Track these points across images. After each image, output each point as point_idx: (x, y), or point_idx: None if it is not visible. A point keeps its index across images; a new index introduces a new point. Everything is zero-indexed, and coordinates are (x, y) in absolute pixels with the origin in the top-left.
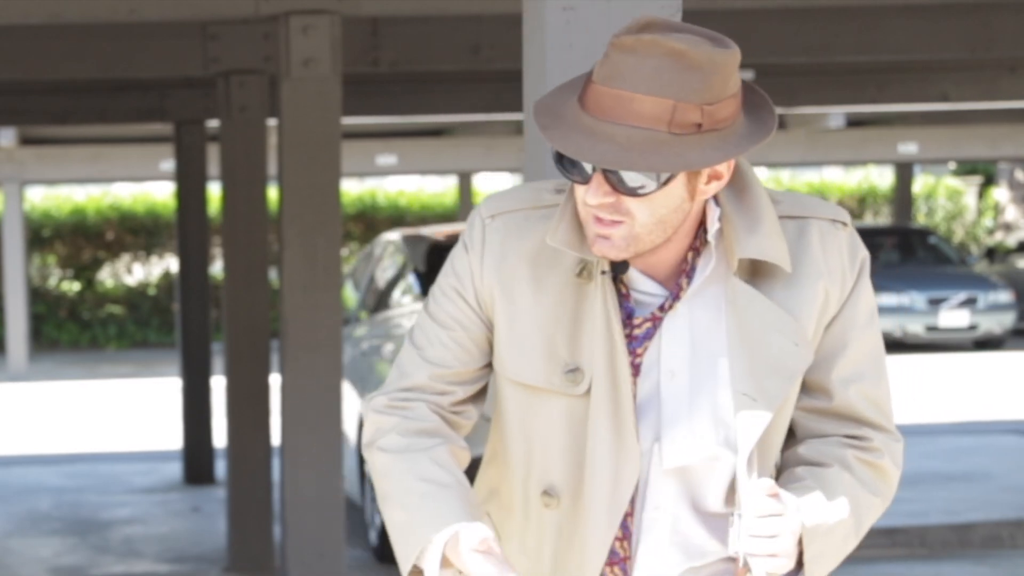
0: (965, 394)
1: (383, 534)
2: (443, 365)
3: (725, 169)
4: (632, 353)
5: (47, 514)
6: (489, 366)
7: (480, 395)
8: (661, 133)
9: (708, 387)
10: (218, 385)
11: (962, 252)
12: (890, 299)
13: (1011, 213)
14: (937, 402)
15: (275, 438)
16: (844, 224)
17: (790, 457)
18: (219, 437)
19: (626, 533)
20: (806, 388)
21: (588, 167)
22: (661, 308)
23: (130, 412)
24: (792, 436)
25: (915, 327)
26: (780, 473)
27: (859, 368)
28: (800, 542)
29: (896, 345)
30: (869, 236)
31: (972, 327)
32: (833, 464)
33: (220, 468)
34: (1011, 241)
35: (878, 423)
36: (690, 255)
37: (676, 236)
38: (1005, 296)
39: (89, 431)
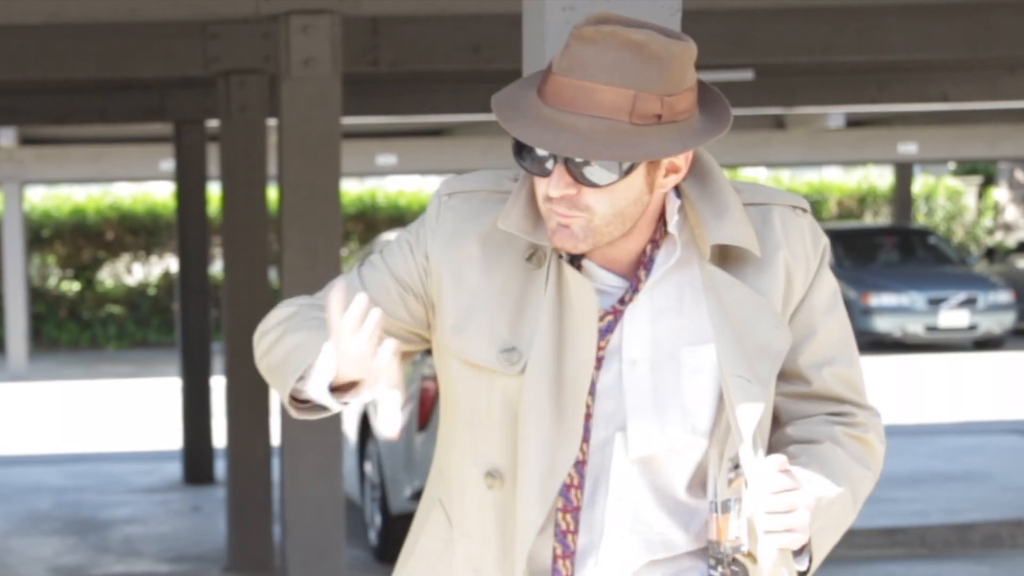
0: (965, 394)
1: (383, 534)
2: (377, 301)
3: (683, 162)
4: (595, 346)
5: (47, 514)
6: (413, 336)
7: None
8: (623, 123)
9: (671, 376)
10: (218, 385)
11: (962, 252)
12: (890, 299)
13: (1011, 213)
14: (937, 402)
15: (275, 438)
16: (804, 210)
17: (779, 439)
18: (219, 437)
19: (576, 526)
20: (783, 375)
21: (549, 160)
22: (621, 300)
23: (130, 412)
24: (776, 422)
25: (915, 327)
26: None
27: (829, 352)
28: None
29: (896, 345)
30: (869, 236)
31: (972, 327)
32: (824, 440)
33: (220, 468)
34: (1011, 241)
35: (856, 400)
36: (648, 247)
37: (636, 229)
38: (1005, 296)
39: (89, 431)
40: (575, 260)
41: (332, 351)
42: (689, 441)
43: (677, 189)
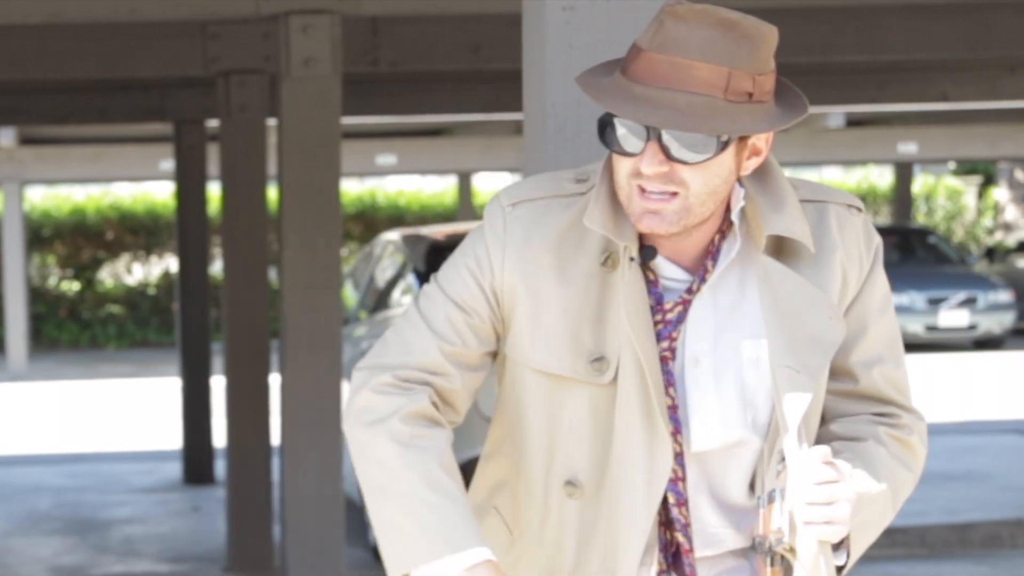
0: (965, 394)
1: None
2: (450, 342)
3: (764, 145)
4: (668, 337)
5: (47, 514)
6: (490, 355)
7: (471, 396)
8: (718, 100)
9: (733, 369)
10: (218, 385)
11: (962, 252)
12: None
13: (1011, 213)
14: (937, 402)
15: (275, 438)
16: (859, 210)
17: (823, 435)
18: (219, 437)
19: (677, 525)
20: (831, 372)
21: (639, 138)
22: (688, 291)
23: (130, 412)
24: (822, 419)
25: (915, 327)
26: None
27: (879, 351)
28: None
29: None
30: None
31: (972, 327)
32: (868, 439)
33: (220, 468)
34: (1011, 241)
35: (903, 403)
36: (716, 237)
37: (710, 217)
38: (1005, 296)
39: (89, 431)
40: (649, 257)
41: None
42: (748, 436)
43: (739, 181)
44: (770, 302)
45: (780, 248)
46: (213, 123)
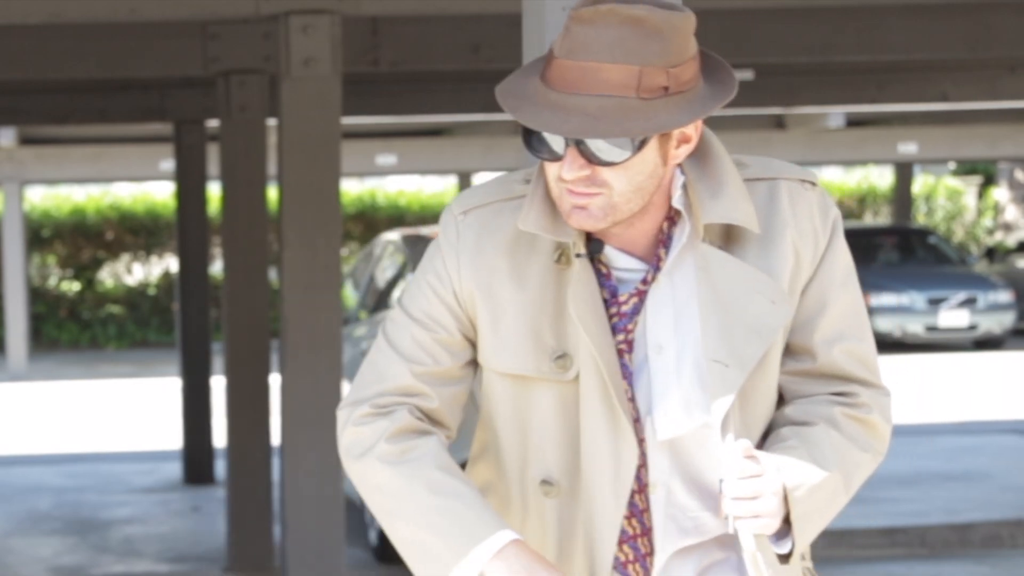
0: (965, 394)
1: (383, 534)
2: (420, 363)
3: (693, 132)
4: (624, 330)
5: (47, 514)
6: (469, 364)
7: (457, 409)
8: (631, 99)
9: (693, 355)
10: (218, 385)
11: (962, 252)
12: (890, 299)
13: (1011, 213)
14: (937, 402)
15: (275, 438)
16: (813, 184)
17: (777, 419)
18: (219, 437)
19: (634, 511)
20: (790, 351)
21: (560, 143)
22: (644, 281)
23: (130, 412)
24: (781, 401)
25: (915, 327)
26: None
27: (841, 327)
28: (786, 503)
29: (896, 345)
30: (869, 236)
31: (972, 327)
32: (819, 422)
33: (220, 468)
34: (1011, 241)
35: (864, 378)
36: (665, 225)
37: (650, 207)
38: (1005, 296)
39: (89, 431)
40: (596, 251)
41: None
42: (711, 422)
43: (680, 166)
44: (708, 291)
45: (728, 232)
46: (213, 123)
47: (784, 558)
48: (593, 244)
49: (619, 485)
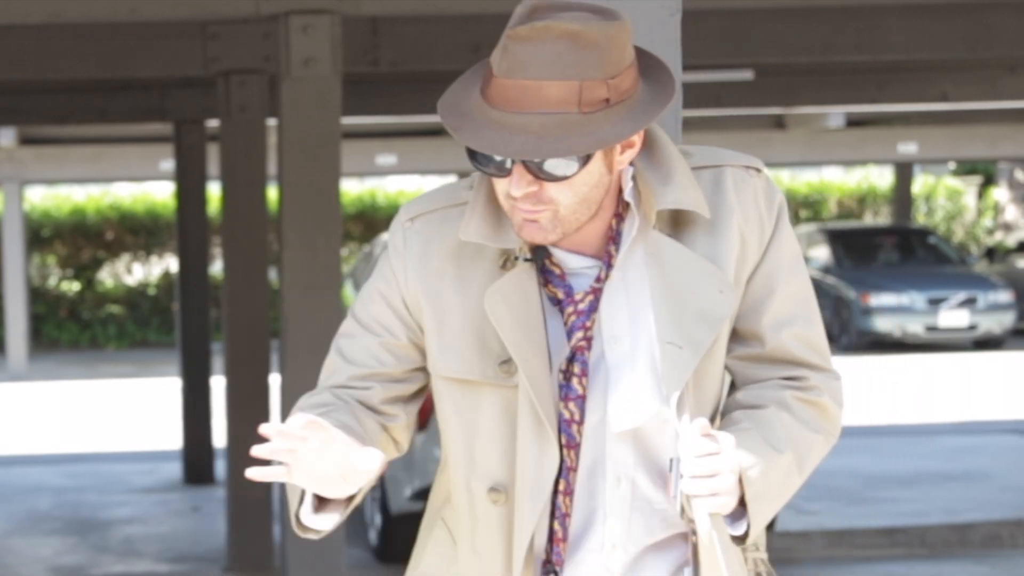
0: (965, 394)
1: (383, 534)
2: (364, 366)
3: (636, 136)
4: (582, 327)
5: (47, 514)
6: (417, 371)
7: (412, 400)
8: (572, 115)
9: (645, 346)
10: (218, 385)
11: (962, 252)
12: (890, 299)
13: (1011, 213)
14: (937, 402)
15: None
16: (758, 170)
17: (729, 404)
18: (219, 437)
19: (556, 513)
20: (739, 337)
21: (507, 161)
22: (598, 279)
23: (130, 412)
24: (732, 387)
25: (915, 327)
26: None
27: (789, 312)
28: (741, 484)
29: (896, 345)
30: (869, 236)
31: (972, 327)
32: (770, 405)
33: (220, 468)
34: (1011, 241)
35: (814, 363)
36: (614, 222)
37: (600, 209)
38: (1005, 296)
39: (89, 431)
40: (540, 256)
41: (300, 485)
42: (665, 411)
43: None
44: (658, 277)
45: (676, 219)
46: (213, 123)
47: (739, 540)
48: (539, 250)
49: (537, 493)
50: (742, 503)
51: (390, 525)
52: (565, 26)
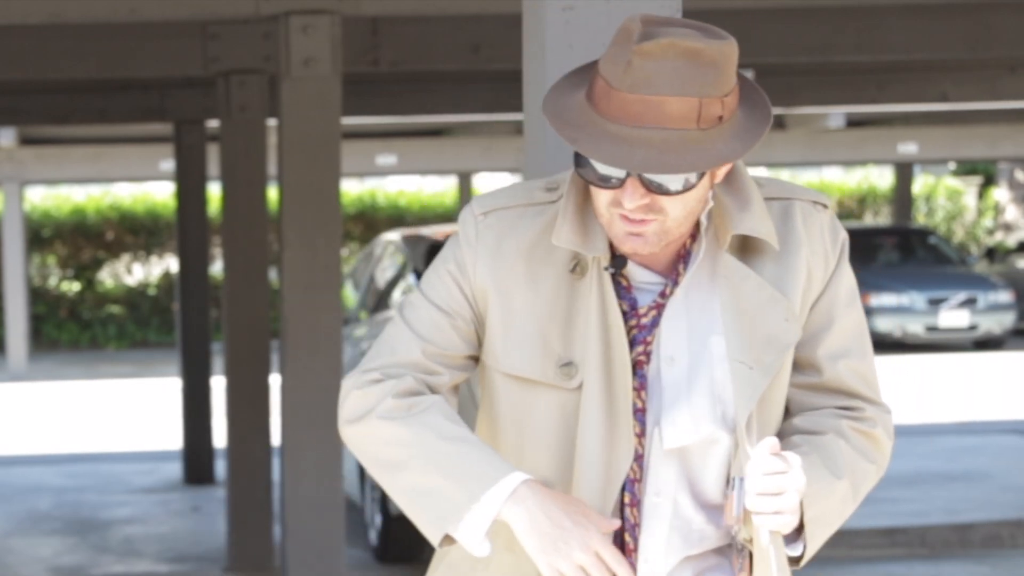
0: (965, 394)
1: (383, 534)
2: (434, 343)
3: None
4: (643, 342)
5: (47, 514)
6: (472, 359)
7: (455, 396)
8: (691, 131)
9: (704, 366)
10: (218, 385)
11: (962, 252)
12: (890, 299)
13: (1011, 213)
14: (937, 402)
15: (275, 438)
16: (824, 206)
17: (786, 428)
18: (219, 437)
19: (626, 525)
20: (796, 365)
21: (620, 172)
22: (662, 295)
23: (130, 412)
24: (786, 413)
25: (915, 327)
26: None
27: (845, 344)
28: (800, 505)
29: (896, 345)
30: (869, 236)
31: (972, 327)
32: (828, 432)
33: (220, 468)
34: (1011, 241)
35: (868, 396)
36: (688, 241)
37: None
38: (1005, 296)
39: (89, 431)
40: (619, 266)
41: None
42: (718, 433)
43: None
44: (730, 299)
45: (745, 246)
46: (213, 123)
47: (795, 561)
48: (617, 259)
49: (607, 495)
50: (800, 526)
51: (390, 525)
52: (689, 44)
